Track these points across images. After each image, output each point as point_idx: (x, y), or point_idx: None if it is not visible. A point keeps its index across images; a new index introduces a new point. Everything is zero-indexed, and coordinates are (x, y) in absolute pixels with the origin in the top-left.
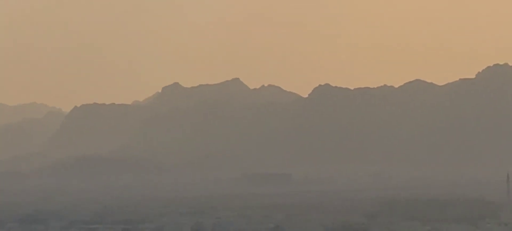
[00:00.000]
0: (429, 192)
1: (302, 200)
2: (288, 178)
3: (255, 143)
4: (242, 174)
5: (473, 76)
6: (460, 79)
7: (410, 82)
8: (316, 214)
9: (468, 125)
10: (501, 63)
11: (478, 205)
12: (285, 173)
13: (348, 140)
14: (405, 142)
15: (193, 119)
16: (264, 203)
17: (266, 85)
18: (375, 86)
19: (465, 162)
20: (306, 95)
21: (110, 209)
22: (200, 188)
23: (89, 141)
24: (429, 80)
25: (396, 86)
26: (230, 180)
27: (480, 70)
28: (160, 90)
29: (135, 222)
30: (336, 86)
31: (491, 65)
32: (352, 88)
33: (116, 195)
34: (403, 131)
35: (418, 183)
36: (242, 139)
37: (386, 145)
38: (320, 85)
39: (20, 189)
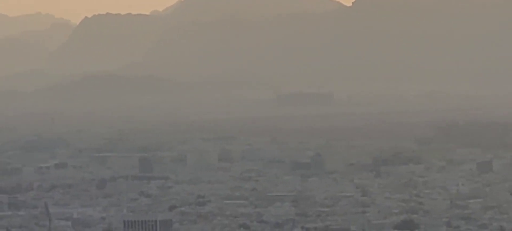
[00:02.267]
0: (491, 113)
1: (345, 123)
2: (329, 99)
3: (290, 58)
4: (275, 94)
5: None
6: None
7: None
8: (361, 139)
9: None
10: None
11: None
12: (325, 92)
13: (399, 55)
14: (464, 56)
15: (219, 31)
16: (300, 127)
17: None
18: None
19: None
20: (350, 4)
21: (124, 134)
22: (226, 110)
23: (99, 56)
24: None
25: None
26: (261, 101)
27: None
28: None
29: (153, 149)
30: None
31: None
32: None
33: (130, 119)
34: (462, 43)
35: (479, 103)
36: (275, 54)
37: (442, 60)
38: None
39: (20, 111)
